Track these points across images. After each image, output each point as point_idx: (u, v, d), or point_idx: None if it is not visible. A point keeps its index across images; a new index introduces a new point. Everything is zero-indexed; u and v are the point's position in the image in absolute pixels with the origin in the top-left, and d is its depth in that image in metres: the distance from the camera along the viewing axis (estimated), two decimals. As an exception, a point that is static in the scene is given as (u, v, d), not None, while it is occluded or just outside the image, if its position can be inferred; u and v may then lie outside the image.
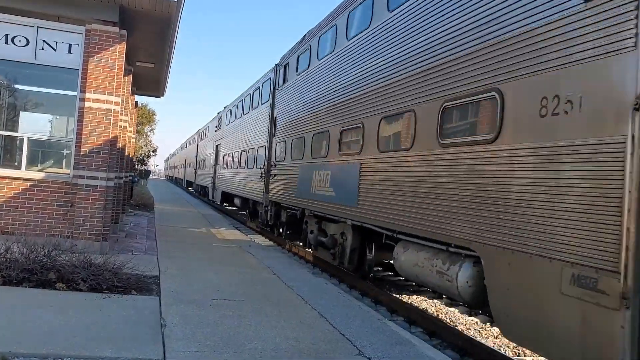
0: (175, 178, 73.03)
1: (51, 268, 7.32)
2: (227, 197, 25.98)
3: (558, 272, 4.80)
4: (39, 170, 10.27)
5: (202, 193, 38.69)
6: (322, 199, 11.52)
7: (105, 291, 7.17)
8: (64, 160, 10.60)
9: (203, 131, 40.72)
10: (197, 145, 43.01)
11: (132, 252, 10.65)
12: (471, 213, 6.28)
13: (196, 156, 42.68)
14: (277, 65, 17.22)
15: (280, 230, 16.24)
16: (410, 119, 8.00)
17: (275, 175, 15.89)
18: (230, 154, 25.43)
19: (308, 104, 13.35)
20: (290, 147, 14.69)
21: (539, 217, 5.16)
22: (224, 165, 26.78)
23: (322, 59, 12.55)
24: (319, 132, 12.24)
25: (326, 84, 12.03)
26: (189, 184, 49.90)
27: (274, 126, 16.89)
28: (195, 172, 41.88)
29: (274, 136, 16.74)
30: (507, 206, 5.64)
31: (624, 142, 4.30)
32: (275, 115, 16.89)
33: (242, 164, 21.74)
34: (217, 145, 30.38)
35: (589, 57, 4.77)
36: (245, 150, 21.48)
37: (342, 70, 11.02)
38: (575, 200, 4.76)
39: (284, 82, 16.17)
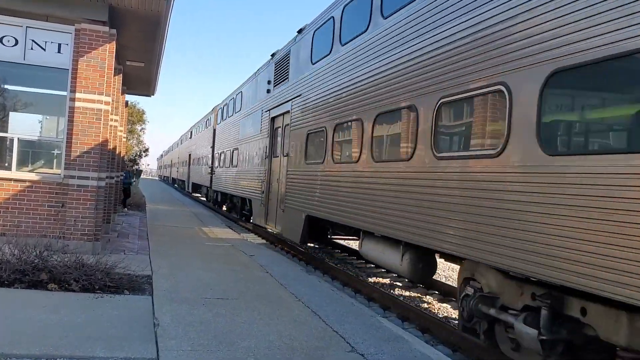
0: (173, 179, 60.84)
1: (43, 269, 7.30)
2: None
3: None
4: (29, 171, 10.21)
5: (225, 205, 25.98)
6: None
7: (98, 291, 7.16)
8: (55, 160, 10.54)
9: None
10: (217, 130, 28.10)
11: (125, 252, 10.63)
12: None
13: (214, 147, 28.37)
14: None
15: None
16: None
17: None
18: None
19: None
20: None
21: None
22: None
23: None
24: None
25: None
26: (196, 188, 37.56)
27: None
28: (212, 173, 27.79)
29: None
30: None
31: None
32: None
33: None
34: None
35: None
36: None
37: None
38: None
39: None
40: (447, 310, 9.15)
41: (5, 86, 10.56)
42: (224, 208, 26.35)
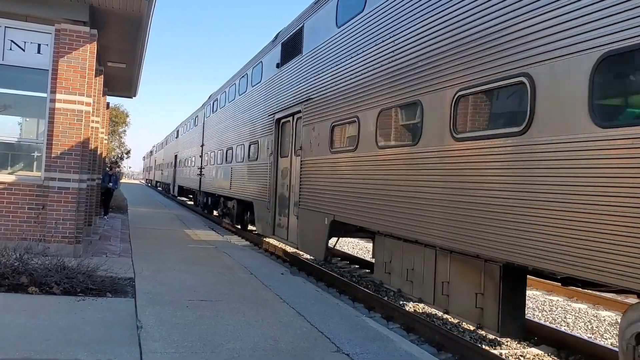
0: (157, 182, 56.95)
1: (23, 272, 7.18)
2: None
3: None
4: (9, 174, 10.05)
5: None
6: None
7: (80, 294, 7.06)
8: (35, 162, 10.39)
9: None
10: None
11: (107, 255, 10.52)
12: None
13: (203, 144, 25.97)
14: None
15: None
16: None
17: None
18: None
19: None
20: None
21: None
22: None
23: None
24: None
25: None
26: (182, 192, 35.85)
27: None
28: (201, 175, 25.43)
29: None
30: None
31: None
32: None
33: None
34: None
35: None
36: None
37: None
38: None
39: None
40: (431, 310, 9.18)
41: (-17, 88, 10.40)
42: (216, 214, 23.43)
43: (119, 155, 53.59)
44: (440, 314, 8.92)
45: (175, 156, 38.12)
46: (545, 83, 5.25)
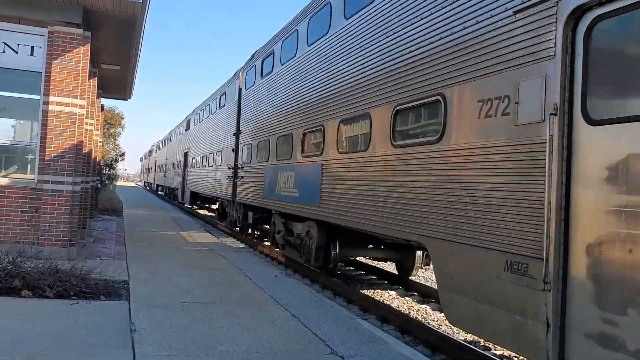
0: (158, 186, 50.15)
1: (16, 275, 7.16)
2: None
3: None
4: (2, 176, 10.00)
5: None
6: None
7: (73, 297, 7.03)
8: (29, 165, 10.36)
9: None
10: None
11: (101, 258, 10.48)
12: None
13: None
14: None
15: None
16: None
17: None
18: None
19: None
20: None
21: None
22: None
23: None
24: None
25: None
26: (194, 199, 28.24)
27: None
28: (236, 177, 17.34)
29: None
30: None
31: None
32: None
33: None
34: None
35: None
36: None
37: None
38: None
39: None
40: (425, 312, 9.18)
41: (-23, 90, 10.36)
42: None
43: (114, 158, 53.42)
44: (435, 315, 8.92)
45: (186, 154, 30.10)
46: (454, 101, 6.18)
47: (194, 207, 30.41)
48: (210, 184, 21.88)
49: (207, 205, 30.25)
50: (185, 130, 31.90)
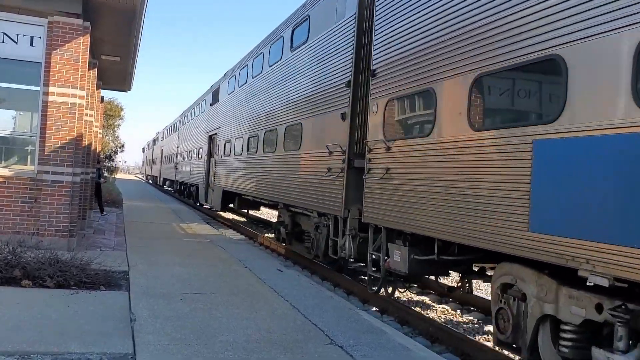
0: (165, 181, 41.89)
1: (16, 265, 7.16)
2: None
3: None
4: (2, 167, 10.00)
5: None
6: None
7: (73, 287, 7.05)
8: (29, 156, 10.35)
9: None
10: None
11: (101, 248, 10.49)
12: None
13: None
14: None
15: None
16: None
17: None
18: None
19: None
20: None
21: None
22: None
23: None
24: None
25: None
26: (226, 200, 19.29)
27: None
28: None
29: None
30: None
31: None
32: None
33: None
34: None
35: None
36: None
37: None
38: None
39: None
40: (424, 303, 9.21)
41: (-24, 81, 10.33)
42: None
43: (113, 150, 53.32)
44: (434, 306, 8.95)
45: (211, 138, 22.40)
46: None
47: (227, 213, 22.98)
48: (270, 181, 13.49)
49: (246, 211, 22.90)
50: (211, 104, 23.27)
